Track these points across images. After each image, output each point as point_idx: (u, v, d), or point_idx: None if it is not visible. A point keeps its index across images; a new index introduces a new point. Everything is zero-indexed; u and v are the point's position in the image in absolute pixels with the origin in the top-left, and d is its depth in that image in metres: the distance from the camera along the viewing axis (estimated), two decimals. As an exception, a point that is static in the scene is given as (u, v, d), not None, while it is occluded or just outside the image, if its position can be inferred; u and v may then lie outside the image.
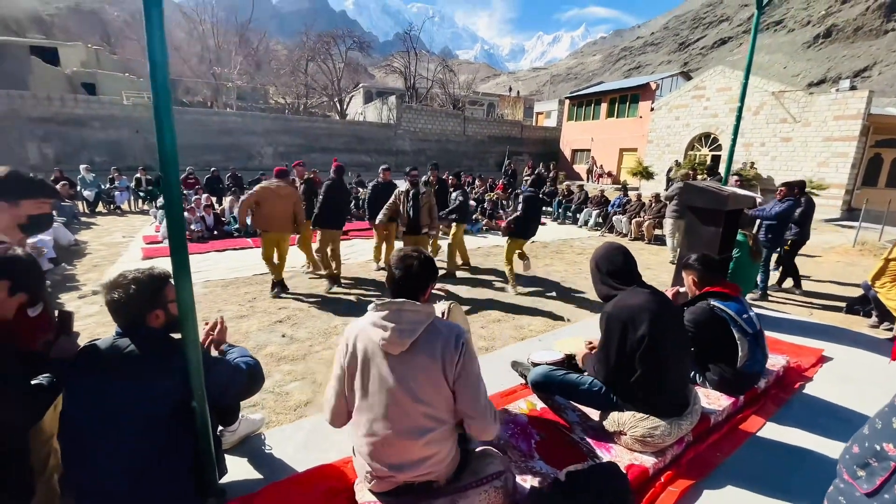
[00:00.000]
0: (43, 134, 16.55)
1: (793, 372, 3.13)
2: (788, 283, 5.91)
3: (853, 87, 15.12)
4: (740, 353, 2.50)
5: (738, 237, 4.14)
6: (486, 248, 8.45)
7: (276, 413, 2.94)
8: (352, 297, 5.35)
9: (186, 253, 1.44)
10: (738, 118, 4.11)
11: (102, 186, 12.12)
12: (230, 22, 31.55)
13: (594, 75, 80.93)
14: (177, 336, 1.58)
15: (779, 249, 5.64)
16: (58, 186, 10.61)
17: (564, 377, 2.20)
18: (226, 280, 5.86)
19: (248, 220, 5.55)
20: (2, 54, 21.60)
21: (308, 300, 5.23)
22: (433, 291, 1.76)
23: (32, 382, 1.47)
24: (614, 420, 2.08)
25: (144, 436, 1.44)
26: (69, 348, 1.60)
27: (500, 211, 11.88)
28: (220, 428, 2.01)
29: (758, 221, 5.46)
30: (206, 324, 1.94)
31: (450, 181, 8.54)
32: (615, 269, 2.10)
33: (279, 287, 5.37)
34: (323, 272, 5.85)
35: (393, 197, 5.68)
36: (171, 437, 1.49)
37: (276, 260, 5.38)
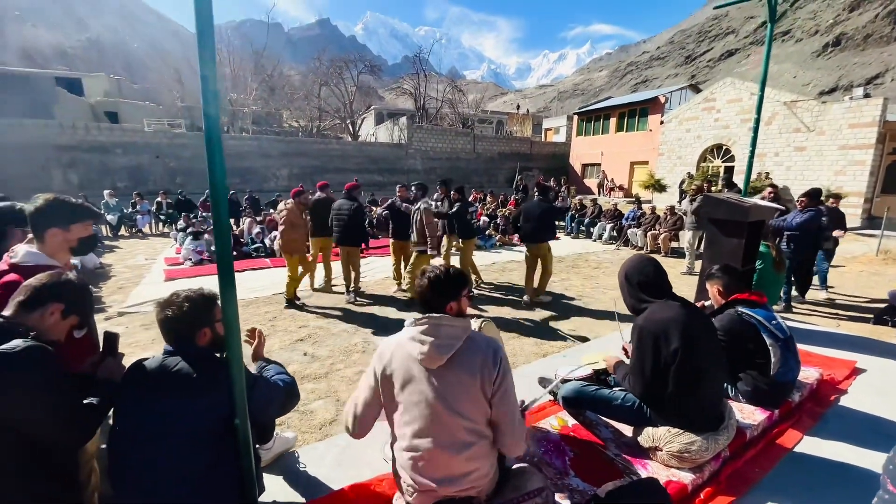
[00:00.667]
0: (68, 161, 17.15)
1: (827, 385, 3.06)
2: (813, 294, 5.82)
3: (867, 95, 15.01)
4: (773, 360, 2.47)
5: (761, 248, 4.10)
6: (501, 263, 8.46)
7: (302, 432, 2.96)
8: (370, 315, 5.38)
9: (233, 273, 1.49)
10: (756, 130, 4.12)
11: (125, 210, 12.47)
12: (245, 50, 32.69)
13: (601, 91, 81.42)
14: (220, 355, 1.62)
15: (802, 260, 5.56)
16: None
17: (596, 392, 2.18)
18: (246, 300, 5.95)
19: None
20: (30, 86, 22.61)
21: (327, 318, 5.28)
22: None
23: (84, 402, 1.52)
24: (649, 435, 2.05)
25: (190, 453, 1.47)
26: (116, 370, 1.65)
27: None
28: (256, 446, 2.03)
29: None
30: (246, 332, 1.98)
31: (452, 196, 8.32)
32: (646, 280, 2.10)
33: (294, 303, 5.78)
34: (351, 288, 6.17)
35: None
36: (216, 455, 1.52)
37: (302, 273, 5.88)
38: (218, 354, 1.62)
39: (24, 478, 1.36)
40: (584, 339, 4.51)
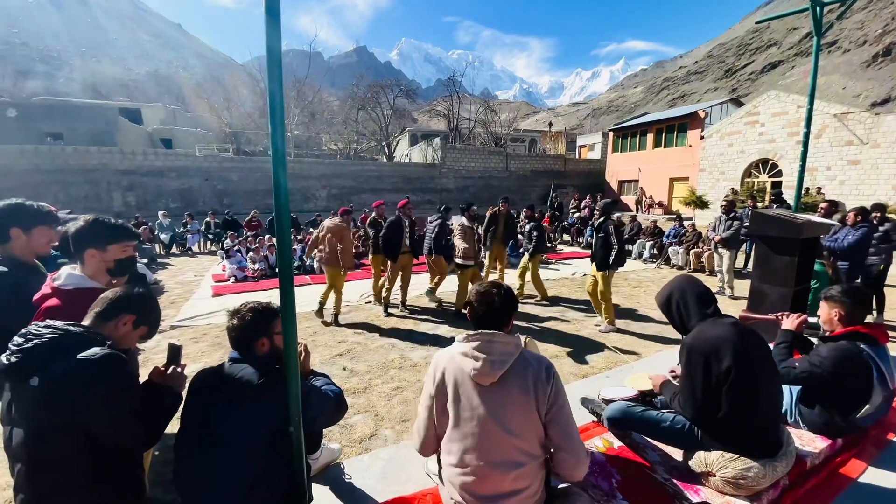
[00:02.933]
0: (127, 184, 18.46)
1: (893, 412, 2.84)
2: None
3: (927, 105, 14.12)
4: (868, 406, 2.30)
5: (816, 267, 3.91)
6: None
7: (343, 445, 3.01)
8: (407, 331, 5.44)
9: (293, 290, 1.58)
10: (805, 143, 3.98)
11: (176, 230, 13.23)
12: (288, 78, 34.44)
13: (636, 107, 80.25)
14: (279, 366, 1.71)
15: (860, 278, 5.23)
16: (139, 230, 11.73)
17: (644, 413, 2.13)
18: (288, 316, 6.14)
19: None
20: (95, 116, 24.61)
21: (364, 334, 5.38)
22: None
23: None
24: (701, 460, 1.98)
25: (247, 458, 1.55)
26: (179, 380, 1.74)
27: (549, 243, 11.80)
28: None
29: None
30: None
31: (524, 213, 8.57)
32: (697, 299, 2.05)
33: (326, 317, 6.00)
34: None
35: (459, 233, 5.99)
36: (269, 462, 1.59)
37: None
38: (279, 366, 1.70)
39: (91, 478, 1.45)
40: (623, 353, 4.39)
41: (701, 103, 30.41)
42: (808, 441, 2.34)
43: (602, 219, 5.07)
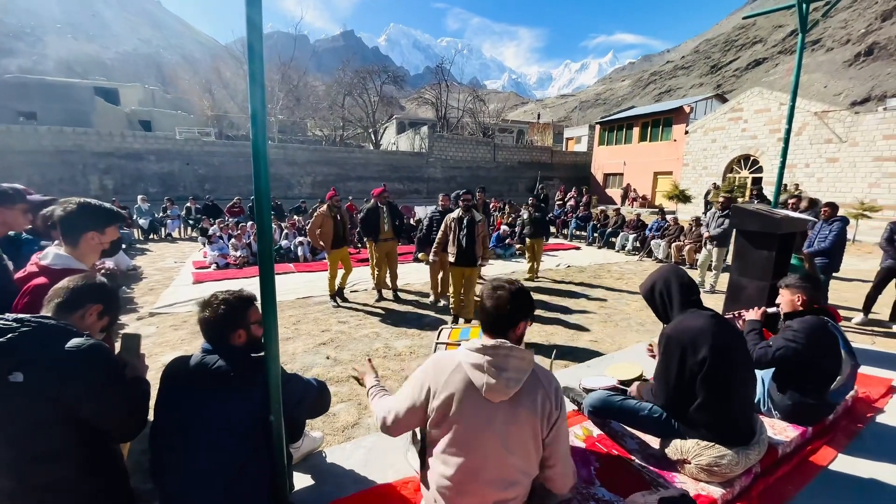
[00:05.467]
0: (104, 167, 17.89)
1: (862, 402, 2.96)
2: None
3: (903, 106, 14.51)
4: (840, 377, 2.43)
5: (793, 261, 4.00)
6: (521, 272, 8.41)
7: (325, 434, 3.01)
8: (391, 321, 5.43)
9: (273, 275, 1.55)
10: (786, 140, 4.04)
11: (156, 215, 12.91)
12: (272, 61, 33.59)
13: (623, 100, 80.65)
14: (256, 355, 1.68)
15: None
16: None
17: (623, 403, 2.17)
18: (271, 304, 6.07)
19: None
20: (70, 95, 23.73)
21: (350, 322, 5.37)
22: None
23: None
24: (677, 448, 2.03)
25: (225, 448, 1.53)
26: (141, 368, 1.70)
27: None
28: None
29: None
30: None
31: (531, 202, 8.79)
32: (681, 290, 2.07)
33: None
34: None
35: (443, 226, 5.28)
36: (249, 451, 1.57)
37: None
38: (256, 354, 1.67)
39: (87, 471, 1.43)
40: (603, 346, 4.46)
41: (686, 98, 30.72)
42: (779, 430, 2.41)
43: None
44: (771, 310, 2.81)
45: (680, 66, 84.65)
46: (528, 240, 7.85)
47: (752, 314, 2.80)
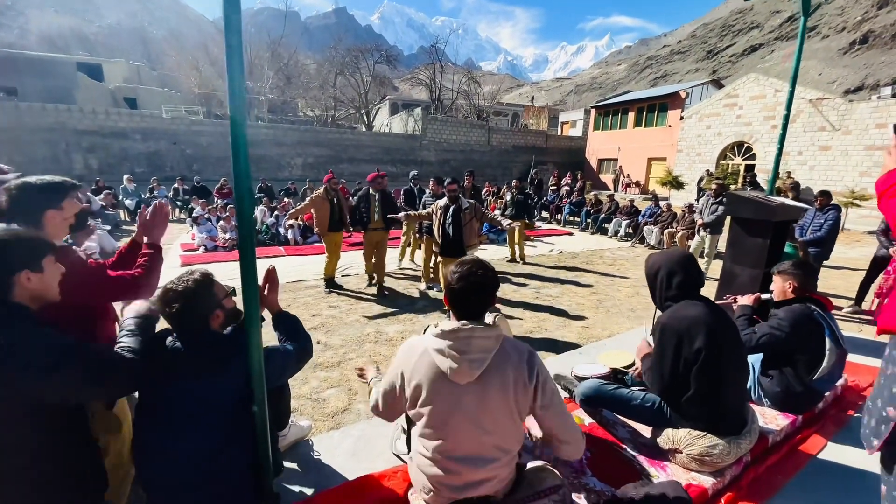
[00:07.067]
0: (88, 145, 17.41)
1: (851, 391, 2.98)
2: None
3: (896, 95, 14.53)
4: (823, 364, 2.42)
5: (787, 249, 3.99)
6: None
7: (315, 419, 2.97)
8: (382, 306, 5.38)
9: (254, 258, 1.47)
10: (784, 126, 3.99)
11: (143, 196, 12.64)
12: (262, 38, 32.70)
13: (619, 84, 79.96)
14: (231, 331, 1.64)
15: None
16: (101, 196, 11.14)
17: (615, 392, 2.14)
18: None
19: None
20: (52, 70, 22.97)
21: (341, 306, 5.31)
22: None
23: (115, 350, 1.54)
24: (668, 437, 2.01)
25: (204, 434, 1.47)
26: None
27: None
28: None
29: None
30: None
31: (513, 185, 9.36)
32: (680, 284, 2.01)
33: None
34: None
35: (430, 209, 5.10)
36: (233, 435, 1.52)
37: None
38: (232, 330, 1.64)
39: (52, 463, 1.35)
40: (596, 332, 4.45)
41: (682, 84, 30.52)
42: (770, 419, 2.41)
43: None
44: (765, 296, 2.79)
45: (676, 50, 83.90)
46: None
47: (746, 299, 2.78)
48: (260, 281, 1.95)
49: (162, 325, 1.69)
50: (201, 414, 1.46)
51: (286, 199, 12.20)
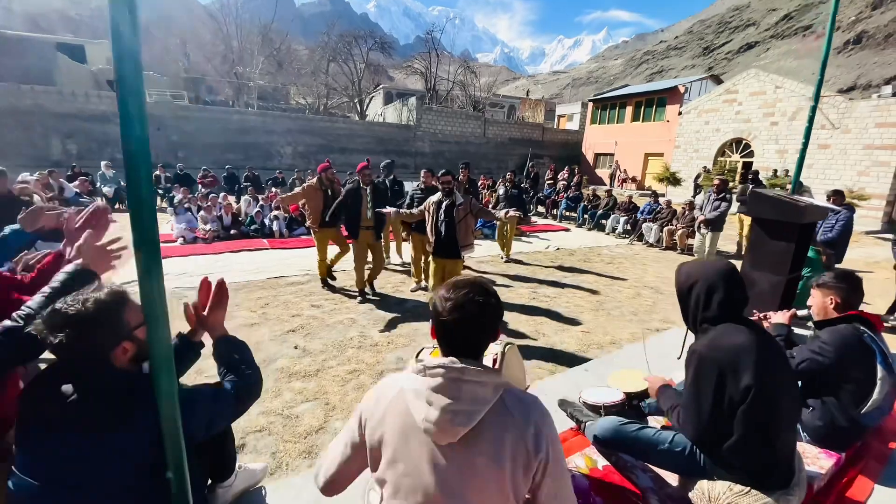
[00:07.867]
0: (67, 130, 16.67)
1: (890, 419, 2.64)
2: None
3: (896, 94, 14.29)
4: (874, 397, 2.05)
5: (810, 254, 3.65)
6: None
7: (284, 441, 2.62)
8: (368, 307, 5.00)
9: (159, 260, 1.07)
10: (811, 120, 3.64)
11: (122, 183, 12.05)
12: (253, 23, 31.75)
13: (616, 79, 79.52)
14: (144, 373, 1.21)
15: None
16: (76, 182, 10.57)
17: (638, 433, 1.76)
18: (238, 283, 5.56)
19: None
20: (29, 50, 22.01)
21: (325, 305, 4.93)
22: None
23: None
24: (703, 491, 1.64)
25: (108, 501, 1.08)
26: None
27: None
28: (210, 482, 1.63)
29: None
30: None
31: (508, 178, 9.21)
32: (721, 304, 1.62)
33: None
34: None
35: (423, 207, 4.51)
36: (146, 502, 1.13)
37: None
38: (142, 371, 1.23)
39: None
40: (598, 341, 4.10)
41: (680, 78, 30.19)
42: (812, 459, 2.06)
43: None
44: (801, 312, 2.42)
45: (673, 46, 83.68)
46: None
47: (780, 317, 2.41)
48: (205, 291, 1.56)
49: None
50: (90, 483, 1.07)
51: (274, 190, 11.70)
